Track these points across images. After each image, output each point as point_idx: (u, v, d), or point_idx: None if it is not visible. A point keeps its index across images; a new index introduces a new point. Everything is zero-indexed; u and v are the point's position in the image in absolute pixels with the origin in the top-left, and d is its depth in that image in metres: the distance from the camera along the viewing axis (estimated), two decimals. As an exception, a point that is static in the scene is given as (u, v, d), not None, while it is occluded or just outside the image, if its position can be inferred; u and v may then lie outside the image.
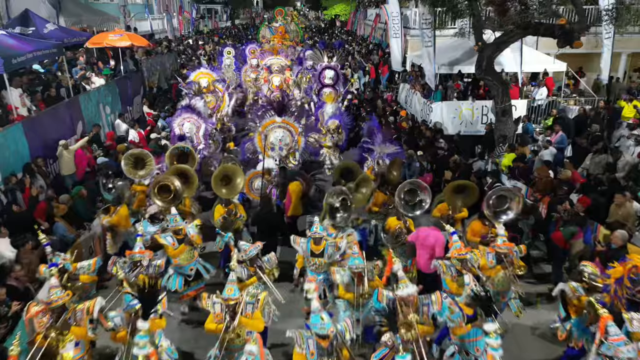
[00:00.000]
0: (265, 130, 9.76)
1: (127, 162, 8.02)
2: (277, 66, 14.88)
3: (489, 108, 14.97)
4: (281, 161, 9.64)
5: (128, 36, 14.55)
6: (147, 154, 8.18)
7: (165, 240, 6.36)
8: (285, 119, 9.76)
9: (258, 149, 9.83)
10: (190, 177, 7.60)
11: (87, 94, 12.45)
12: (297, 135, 9.80)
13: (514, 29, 11.18)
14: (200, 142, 10.17)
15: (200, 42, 33.83)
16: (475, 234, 6.94)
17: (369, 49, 28.96)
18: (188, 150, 8.46)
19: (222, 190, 7.29)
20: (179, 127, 9.96)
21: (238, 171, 7.53)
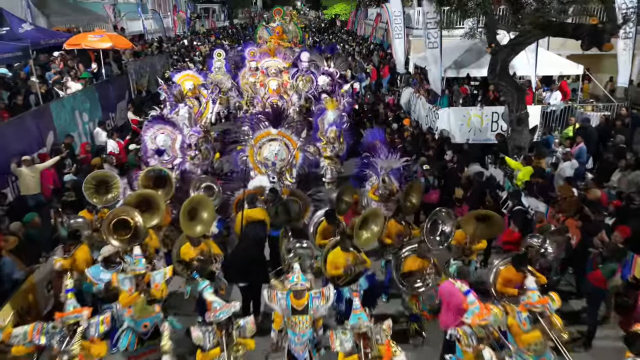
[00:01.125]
0: (258, 143, 8.62)
1: (88, 186, 6.87)
2: (274, 69, 13.75)
3: (500, 114, 13.85)
4: (275, 178, 8.45)
5: (109, 37, 13.43)
6: (111, 175, 7.03)
7: (122, 283, 5.24)
8: (281, 130, 8.64)
9: (250, 164, 8.69)
10: (154, 205, 6.43)
11: (61, 100, 11.34)
12: (295, 150, 8.64)
13: (531, 29, 10.06)
14: (177, 156, 9.05)
15: (196, 42, 32.73)
16: (508, 283, 5.64)
17: (369, 49, 27.84)
18: (165, 174, 7.28)
19: (195, 228, 6.00)
20: (152, 141, 8.82)
21: (204, 202, 6.24)
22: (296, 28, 26.41)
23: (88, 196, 6.84)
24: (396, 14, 18.20)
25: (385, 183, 8.09)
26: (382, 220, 6.12)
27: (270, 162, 8.41)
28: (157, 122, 8.83)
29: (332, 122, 11.09)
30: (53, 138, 10.66)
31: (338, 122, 11.16)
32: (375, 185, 8.25)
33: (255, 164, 8.54)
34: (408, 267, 6.00)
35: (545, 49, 15.48)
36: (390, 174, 8.12)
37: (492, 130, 14.03)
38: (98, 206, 7.08)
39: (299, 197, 8.47)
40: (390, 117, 15.90)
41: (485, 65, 14.20)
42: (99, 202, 6.95)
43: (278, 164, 8.46)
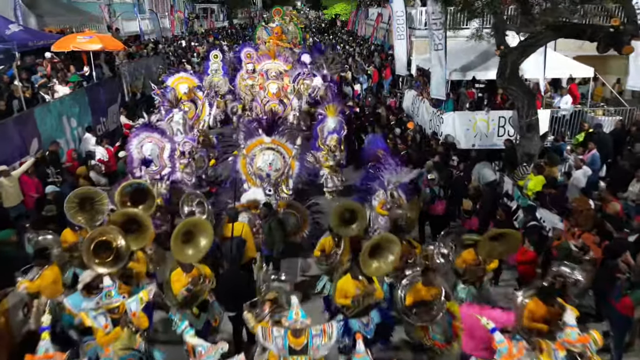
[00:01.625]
0: (251, 152, 8.04)
1: (71, 206, 6.27)
2: (274, 72, 13.19)
3: (507, 119, 13.31)
4: (269, 189, 7.87)
5: (99, 38, 12.85)
6: (96, 192, 6.42)
7: (95, 321, 4.66)
8: (275, 139, 8.07)
9: (242, 175, 8.13)
10: (142, 225, 5.85)
11: (47, 105, 10.76)
12: (290, 158, 8.07)
13: (543, 31, 9.50)
14: (165, 165, 8.48)
15: (194, 43, 32.17)
16: (536, 318, 4.99)
17: (370, 50, 27.27)
18: (144, 187, 6.69)
19: (187, 251, 5.40)
20: (138, 150, 8.25)
21: (204, 227, 5.58)
22: (296, 28, 25.87)
23: (71, 215, 6.24)
24: (398, 14, 17.63)
25: (393, 198, 7.53)
26: (399, 247, 5.51)
27: (264, 172, 7.84)
28: (143, 130, 8.27)
29: (332, 129, 10.54)
30: (37, 145, 10.09)
31: (338, 129, 10.59)
32: (383, 200, 7.69)
33: (248, 176, 7.98)
34: (414, 297, 5.42)
35: (552, 49, 14.93)
36: (399, 188, 7.56)
37: (498, 136, 13.48)
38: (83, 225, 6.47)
39: (297, 210, 7.95)
40: (392, 121, 15.34)
41: (492, 68, 13.68)
42: (84, 221, 6.34)
43: (273, 175, 7.90)
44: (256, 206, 7.48)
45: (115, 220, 5.75)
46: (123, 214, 5.87)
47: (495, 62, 13.67)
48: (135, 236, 5.74)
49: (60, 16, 19.60)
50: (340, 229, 6.26)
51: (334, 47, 33.37)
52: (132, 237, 5.69)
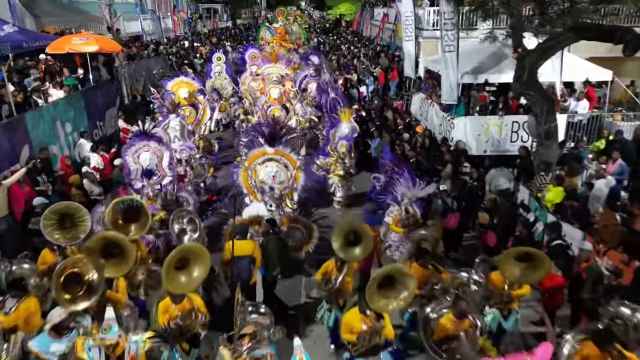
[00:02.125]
0: (252, 164, 7.48)
1: (48, 223, 5.73)
2: (275, 76, 12.61)
3: (521, 124, 12.73)
4: (273, 206, 7.31)
5: (96, 39, 12.34)
6: (77, 207, 5.88)
7: (89, 355, 4.14)
8: (279, 149, 7.52)
9: (244, 189, 7.58)
10: (124, 250, 5.28)
11: (39, 110, 10.25)
12: (295, 170, 7.51)
13: (563, 32, 8.93)
14: (165, 175, 7.96)
15: (196, 43, 31.69)
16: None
17: (376, 51, 26.68)
18: (138, 204, 6.12)
19: (180, 279, 4.76)
20: (134, 160, 7.72)
21: (199, 253, 4.92)
22: (300, 29, 25.35)
23: (48, 233, 5.72)
24: (407, 14, 17.07)
25: (408, 214, 6.98)
26: (414, 282, 4.87)
27: (267, 186, 7.27)
28: (139, 139, 7.72)
29: (344, 135, 9.99)
30: (28, 152, 9.59)
31: (350, 136, 10.05)
32: (397, 217, 7.14)
33: (250, 189, 7.41)
34: (444, 331, 4.81)
35: (567, 51, 14.31)
36: (414, 202, 7.01)
37: (511, 141, 12.92)
38: (63, 244, 5.93)
39: (302, 224, 7.40)
40: (400, 125, 14.77)
41: (505, 71, 13.12)
42: (62, 239, 5.81)
43: (277, 188, 7.33)
44: (258, 222, 6.94)
45: (91, 247, 5.12)
46: (101, 239, 5.26)
47: (509, 64, 13.17)
48: (117, 262, 5.18)
49: (59, 16, 19.16)
50: (343, 252, 5.63)
51: (338, 48, 32.89)
52: (113, 263, 5.13)
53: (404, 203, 7.01)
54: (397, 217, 7.10)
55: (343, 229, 5.54)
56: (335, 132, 10.08)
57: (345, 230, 5.53)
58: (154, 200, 7.61)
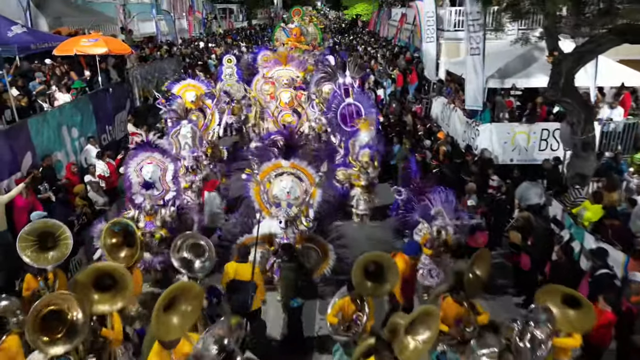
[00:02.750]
0: (265, 178, 6.87)
1: (24, 245, 5.14)
2: (286, 79, 11.97)
3: (550, 132, 11.94)
4: (288, 223, 6.71)
5: (105, 41, 11.91)
6: (55, 225, 5.32)
7: None
8: (295, 162, 6.87)
9: (256, 205, 6.99)
10: (119, 282, 4.72)
11: (43, 115, 9.82)
12: (313, 186, 6.89)
13: (604, 34, 8.17)
14: (169, 189, 7.44)
15: (211, 44, 31.32)
16: None
17: (393, 52, 25.95)
18: (132, 229, 5.54)
19: (171, 321, 4.03)
20: (137, 173, 7.22)
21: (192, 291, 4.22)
22: (316, 29, 24.76)
23: (26, 257, 5.13)
24: (429, 14, 16.36)
25: (440, 235, 6.32)
26: (437, 322, 4.22)
27: (284, 201, 6.65)
28: (142, 150, 7.21)
29: (364, 144, 9.37)
30: (31, 160, 9.13)
31: (371, 144, 9.41)
32: (426, 236, 6.49)
33: (263, 204, 6.83)
34: None
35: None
36: (448, 225, 6.35)
37: (539, 150, 12.15)
38: (47, 267, 5.36)
39: (317, 244, 6.79)
40: (420, 131, 14.06)
41: (534, 75, 12.36)
42: (43, 261, 5.25)
43: (293, 204, 6.72)
44: (270, 241, 6.36)
45: (82, 281, 4.56)
46: (94, 271, 4.68)
47: (538, 68, 12.40)
48: (111, 295, 4.60)
49: (73, 17, 18.87)
50: (364, 288, 4.89)
51: (354, 49, 32.23)
52: (107, 296, 4.56)
53: (436, 223, 6.35)
54: (427, 235, 6.46)
55: (365, 260, 4.85)
56: (355, 141, 9.44)
57: (367, 261, 4.84)
58: (153, 216, 7.11)
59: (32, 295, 5.29)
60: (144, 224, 7.10)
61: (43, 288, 5.33)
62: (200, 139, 10.00)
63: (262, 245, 6.69)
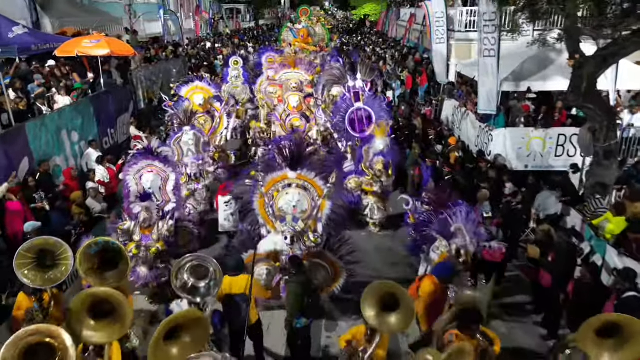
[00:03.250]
0: (271, 190, 6.40)
1: (22, 262, 4.83)
2: (294, 82, 11.56)
3: (567, 137, 11.47)
4: (294, 239, 6.22)
5: (107, 42, 11.59)
6: (56, 243, 4.92)
7: None
8: (302, 173, 6.35)
9: (261, 219, 6.52)
10: (118, 309, 4.17)
11: (41, 118, 9.52)
12: (321, 198, 6.37)
13: (628, 37, 7.70)
14: (168, 200, 7.06)
15: (218, 44, 31.02)
16: None
17: (402, 53, 25.50)
18: (115, 246, 5.10)
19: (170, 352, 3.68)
20: (136, 182, 6.85)
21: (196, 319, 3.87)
22: (323, 29, 24.33)
23: (22, 275, 4.79)
24: (438, 15, 15.91)
25: (459, 254, 5.91)
26: None
27: (289, 215, 6.21)
28: (142, 158, 6.84)
29: (379, 151, 8.95)
30: (28, 165, 8.85)
31: (386, 152, 8.99)
32: (445, 254, 6.08)
33: (268, 218, 6.39)
34: None
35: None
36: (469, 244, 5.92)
37: (555, 156, 11.69)
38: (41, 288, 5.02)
39: (327, 260, 6.37)
40: (431, 135, 13.63)
41: (550, 78, 11.88)
42: (40, 280, 4.91)
43: (300, 218, 6.30)
44: (276, 258, 5.97)
45: (76, 310, 4.18)
46: (89, 297, 4.26)
47: (554, 70, 11.91)
48: (109, 322, 4.20)
49: (77, 17, 18.63)
50: (374, 319, 4.30)
51: (362, 49, 31.78)
52: (105, 325, 4.17)
53: (456, 241, 5.93)
54: (444, 254, 6.03)
55: (376, 290, 4.35)
56: (369, 148, 9.02)
57: (379, 291, 4.34)
58: (149, 229, 6.73)
59: (24, 315, 4.92)
60: (140, 236, 6.72)
61: (37, 310, 4.95)
62: (206, 144, 9.62)
63: (268, 261, 6.30)
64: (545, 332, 6.86)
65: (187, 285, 4.70)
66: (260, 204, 6.34)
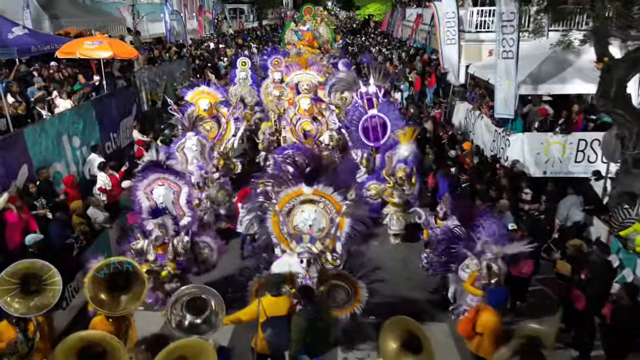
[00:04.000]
0: (285, 207, 5.84)
1: (6, 288, 4.33)
2: (306, 84, 11.03)
3: (589, 142, 11.03)
4: (310, 262, 5.60)
5: (109, 43, 11.14)
6: (43, 266, 4.52)
7: None
8: (319, 189, 5.76)
9: (275, 238, 5.95)
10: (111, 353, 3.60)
11: (41, 123, 9.11)
12: (340, 216, 5.82)
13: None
14: (183, 214, 6.62)
15: (222, 45, 30.62)
16: None
17: (409, 53, 25.06)
18: (130, 268, 4.63)
19: None
20: (147, 197, 6.38)
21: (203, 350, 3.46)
22: (328, 29, 23.85)
23: (4, 303, 4.35)
24: (449, 15, 15.46)
25: (490, 271, 5.48)
26: None
27: (306, 235, 5.66)
28: (151, 171, 6.38)
29: (403, 158, 8.49)
30: (27, 173, 8.43)
31: (410, 160, 8.53)
32: (475, 273, 5.66)
33: (282, 237, 5.86)
34: None
35: None
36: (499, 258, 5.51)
37: (575, 162, 11.25)
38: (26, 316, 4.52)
39: (346, 281, 5.89)
40: (444, 139, 13.20)
41: (570, 81, 11.43)
42: (24, 308, 4.38)
43: (317, 237, 5.73)
44: (292, 280, 5.53)
45: (64, 354, 3.60)
46: (77, 341, 3.58)
47: (574, 73, 11.43)
48: None
49: (79, 17, 18.26)
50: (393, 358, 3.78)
51: (367, 50, 31.32)
52: None
53: (485, 257, 5.50)
54: (475, 273, 5.61)
55: (396, 326, 3.85)
56: (393, 154, 8.57)
57: (399, 329, 3.83)
58: (164, 247, 6.29)
59: (6, 348, 4.50)
60: (154, 256, 6.27)
61: (22, 341, 4.52)
62: (211, 151, 9.22)
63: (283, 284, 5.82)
64: (576, 354, 6.43)
65: (184, 324, 4.22)
66: (274, 222, 5.84)
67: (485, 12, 16.87)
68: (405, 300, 7.50)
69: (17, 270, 4.41)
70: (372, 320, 6.28)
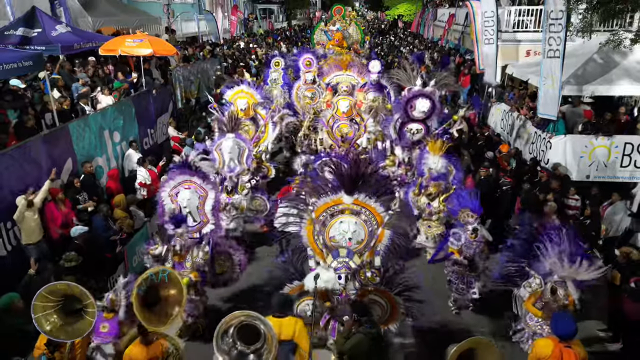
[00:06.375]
0: (320, 216, 5.37)
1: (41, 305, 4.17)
2: (345, 85, 10.70)
3: (635, 146, 10.62)
4: (348, 278, 5.10)
5: (150, 41, 11.33)
6: (82, 293, 4.38)
7: None
8: (359, 199, 5.28)
9: (309, 248, 5.49)
10: None
11: (84, 118, 9.29)
12: (380, 227, 5.34)
13: None
14: (207, 221, 6.35)
15: (252, 44, 30.84)
16: None
17: (442, 54, 24.68)
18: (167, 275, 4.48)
19: None
20: (171, 199, 6.19)
21: None
22: (357, 30, 23.69)
23: (37, 321, 4.19)
24: (488, 14, 15.11)
25: (555, 295, 5.24)
26: None
27: (343, 249, 5.18)
28: (179, 173, 6.26)
29: (436, 174, 8.10)
30: (72, 167, 8.61)
31: (443, 174, 8.14)
32: (539, 293, 5.39)
33: (318, 249, 5.42)
34: None
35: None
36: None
37: (621, 166, 10.83)
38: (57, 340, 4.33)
39: (383, 296, 5.50)
40: (480, 141, 12.88)
41: (617, 82, 11.01)
42: (57, 331, 4.21)
43: (355, 250, 5.23)
44: (326, 296, 5.18)
45: None
46: None
47: (620, 73, 10.99)
48: None
49: (116, 16, 18.62)
50: None
51: (397, 50, 31.03)
52: None
53: (551, 279, 5.24)
54: (538, 292, 5.35)
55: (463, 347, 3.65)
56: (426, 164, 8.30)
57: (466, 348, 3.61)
58: (183, 256, 6.11)
59: None
60: (172, 264, 6.06)
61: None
62: (249, 156, 8.80)
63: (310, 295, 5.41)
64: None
65: (233, 351, 4.02)
66: (309, 231, 5.42)
67: (524, 12, 16.49)
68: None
69: (55, 290, 4.33)
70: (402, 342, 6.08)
